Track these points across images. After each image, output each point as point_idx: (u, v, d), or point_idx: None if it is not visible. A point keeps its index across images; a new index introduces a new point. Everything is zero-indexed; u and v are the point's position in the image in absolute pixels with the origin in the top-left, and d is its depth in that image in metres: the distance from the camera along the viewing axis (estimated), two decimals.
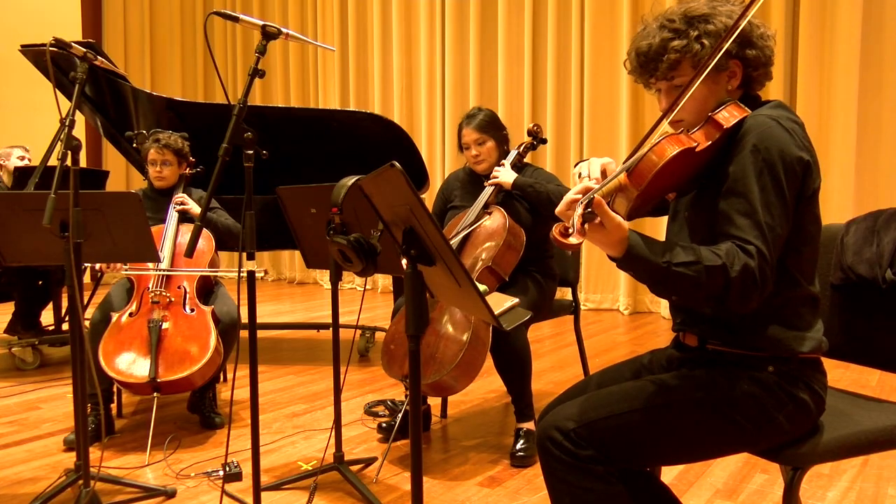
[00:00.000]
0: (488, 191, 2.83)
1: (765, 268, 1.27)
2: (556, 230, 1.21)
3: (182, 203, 3.11)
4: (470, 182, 3.01)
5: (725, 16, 1.39)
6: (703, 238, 1.38)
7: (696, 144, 1.31)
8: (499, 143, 2.91)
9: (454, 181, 3.09)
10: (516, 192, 2.81)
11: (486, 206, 2.81)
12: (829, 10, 4.76)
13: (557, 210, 1.27)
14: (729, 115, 1.35)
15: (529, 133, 3.01)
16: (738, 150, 1.34)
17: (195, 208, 3.11)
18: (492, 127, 2.89)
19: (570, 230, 1.19)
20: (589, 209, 1.19)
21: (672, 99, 1.39)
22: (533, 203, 2.81)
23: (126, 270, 2.92)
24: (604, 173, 1.35)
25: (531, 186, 2.78)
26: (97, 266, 2.89)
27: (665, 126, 1.34)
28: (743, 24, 1.32)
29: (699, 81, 1.33)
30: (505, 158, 2.91)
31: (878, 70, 4.65)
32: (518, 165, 2.90)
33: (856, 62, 4.63)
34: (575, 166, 1.43)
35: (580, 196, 1.24)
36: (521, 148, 2.95)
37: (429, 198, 5.63)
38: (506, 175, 2.82)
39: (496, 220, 2.75)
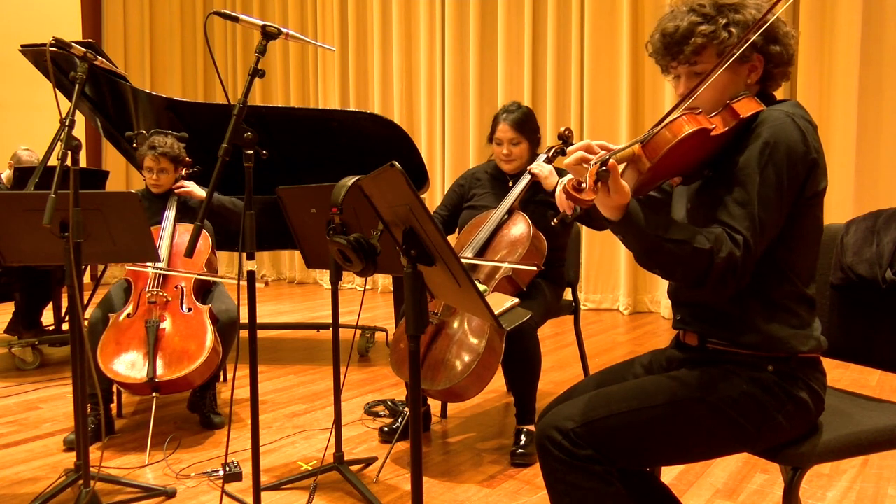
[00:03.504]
0: (517, 189, 2.77)
1: (747, 259, 1.31)
2: (568, 184, 1.25)
3: (183, 187, 3.15)
4: (493, 182, 2.96)
5: (754, 8, 1.40)
6: (704, 225, 1.39)
7: (712, 127, 1.33)
8: (532, 146, 2.88)
9: (475, 179, 3.02)
10: (553, 197, 2.76)
11: (511, 210, 2.77)
12: (829, 10, 4.76)
13: (566, 162, 1.31)
14: (746, 106, 1.36)
15: (560, 137, 2.94)
16: (748, 142, 1.36)
17: (198, 191, 3.14)
18: (528, 128, 2.84)
19: (583, 185, 1.23)
20: (604, 167, 1.22)
21: (691, 85, 1.41)
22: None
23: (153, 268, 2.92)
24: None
25: None
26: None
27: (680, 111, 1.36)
28: (776, 15, 1.34)
29: (722, 70, 1.34)
30: (533, 161, 2.84)
31: (878, 70, 4.65)
32: None
33: (856, 62, 4.63)
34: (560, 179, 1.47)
35: (590, 156, 1.28)
36: (551, 152, 2.88)
37: (429, 198, 5.65)
38: (551, 175, 2.71)
39: (520, 227, 2.70)
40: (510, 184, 2.86)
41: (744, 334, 1.41)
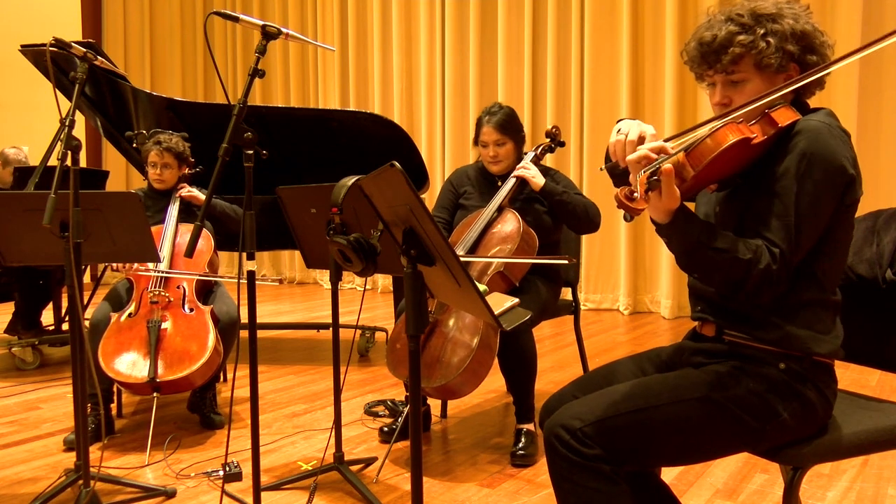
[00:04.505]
0: (505, 189, 2.79)
1: (783, 271, 1.33)
2: (621, 193, 1.30)
3: (188, 192, 3.16)
4: (482, 182, 2.97)
5: (791, 18, 1.41)
6: (732, 231, 1.40)
7: (753, 136, 1.34)
8: (517, 145, 2.90)
9: (465, 178, 3.04)
10: (541, 196, 2.78)
11: (500, 208, 2.78)
12: (829, 10, 4.76)
13: (629, 157, 1.34)
14: (784, 115, 1.38)
15: (548, 135, 2.95)
16: (786, 152, 1.36)
17: (201, 196, 3.15)
18: (512, 128, 2.86)
19: (636, 195, 1.28)
20: (654, 177, 1.27)
21: (727, 94, 1.44)
22: (557, 212, 2.79)
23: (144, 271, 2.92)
24: (641, 139, 1.39)
25: (560, 195, 2.75)
26: (115, 266, 2.88)
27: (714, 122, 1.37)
28: (835, 66, 1.34)
29: (768, 89, 1.37)
30: (521, 160, 2.86)
31: (878, 70, 4.65)
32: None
33: (856, 62, 4.62)
34: (618, 122, 1.47)
35: (654, 156, 1.32)
36: (539, 150, 2.90)
37: (429, 198, 5.65)
38: (536, 176, 2.76)
39: (510, 223, 2.72)
40: (499, 183, 2.87)
41: (763, 329, 1.41)
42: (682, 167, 1.31)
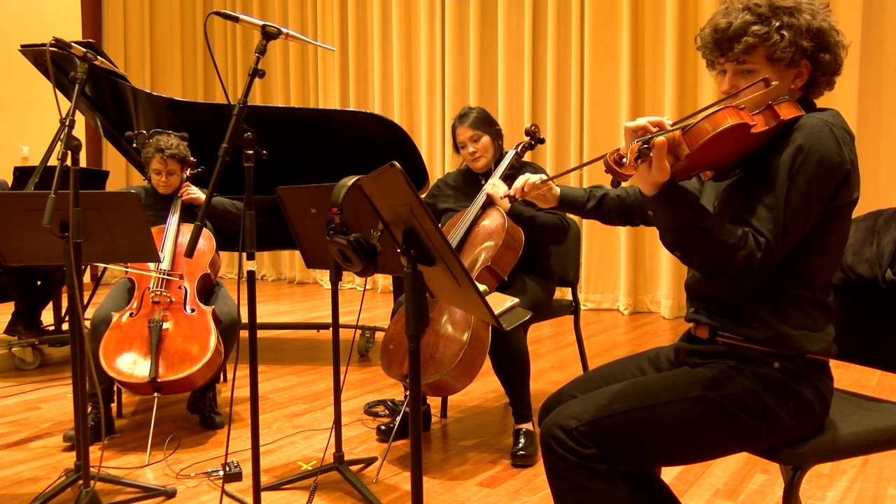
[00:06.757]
0: (483, 196, 2.81)
1: (766, 262, 1.32)
2: (610, 157, 1.31)
3: (189, 194, 3.15)
4: (464, 183, 3.00)
5: (809, 13, 1.40)
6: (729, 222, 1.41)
7: (753, 124, 1.34)
8: (494, 139, 2.92)
9: (445, 187, 3.07)
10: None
11: (485, 205, 2.80)
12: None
13: (628, 125, 1.36)
14: (787, 110, 1.38)
15: (527, 133, 2.99)
16: (783, 145, 1.36)
17: (203, 197, 3.15)
18: (485, 123, 2.90)
19: (624, 161, 1.30)
20: (646, 146, 1.27)
21: (736, 83, 1.43)
22: (526, 230, 2.76)
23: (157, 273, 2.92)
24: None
25: (528, 217, 2.73)
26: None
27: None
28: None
29: (774, 77, 1.39)
30: (502, 158, 2.89)
31: (878, 70, 4.65)
32: (516, 165, 2.89)
33: (856, 62, 4.63)
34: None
35: (653, 128, 1.34)
36: (519, 148, 2.94)
37: None
38: (505, 199, 2.71)
39: (495, 219, 2.74)
40: (482, 181, 2.89)
41: (755, 330, 1.41)
42: (678, 145, 1.31)
